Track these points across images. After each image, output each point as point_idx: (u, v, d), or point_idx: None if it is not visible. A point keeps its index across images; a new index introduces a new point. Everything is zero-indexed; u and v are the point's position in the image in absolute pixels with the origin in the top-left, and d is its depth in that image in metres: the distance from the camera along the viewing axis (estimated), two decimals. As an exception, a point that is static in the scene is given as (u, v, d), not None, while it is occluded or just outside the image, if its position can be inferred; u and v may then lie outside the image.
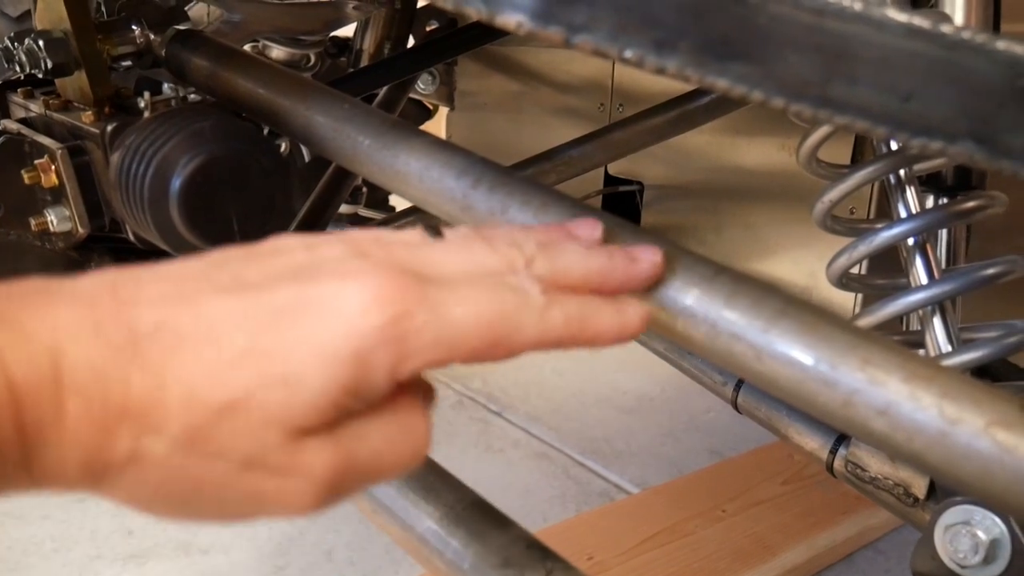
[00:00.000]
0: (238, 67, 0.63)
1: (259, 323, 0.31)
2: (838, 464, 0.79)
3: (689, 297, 0.43)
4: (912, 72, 0.38)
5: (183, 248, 0.57)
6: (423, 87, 1.34)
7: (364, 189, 1.38)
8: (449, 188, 0.52)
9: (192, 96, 0.67)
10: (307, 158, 1.53)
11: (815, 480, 1.63)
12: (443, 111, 1.41)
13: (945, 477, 0.37)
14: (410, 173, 0.54)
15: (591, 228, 0.43)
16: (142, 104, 0.64)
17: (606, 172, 1.16)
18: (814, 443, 0.81)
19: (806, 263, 1.02)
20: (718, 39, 0.38)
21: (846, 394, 0.39)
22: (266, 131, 0.81)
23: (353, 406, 0.33)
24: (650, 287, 0.43)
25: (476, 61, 1.35)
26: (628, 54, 0.38)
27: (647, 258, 0.42)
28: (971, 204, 0.57)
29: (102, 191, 0.64)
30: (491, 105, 1.36)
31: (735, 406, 0.90)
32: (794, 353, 0.40)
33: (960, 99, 0.38)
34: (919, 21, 0.37)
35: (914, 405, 0.37)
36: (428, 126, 1.46)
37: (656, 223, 1.14)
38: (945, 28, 0.37)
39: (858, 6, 0.37)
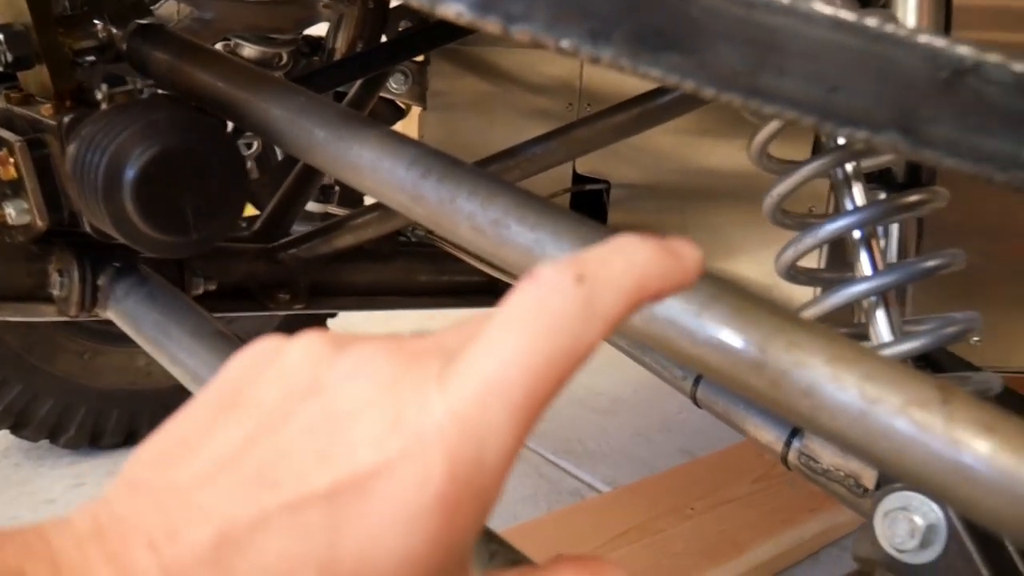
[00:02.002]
0: (198, 61, 0.64)
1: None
2: (792, 456, 0.81)
3: (627, 283, 0.44)
4: (838, 64, 0.39)
5: (138, 239, 0.57)
6: (395, 87, 1.35)
7: (336, 188, 1.39)
8: (399, 178, 0.53)
9: (151, 90, 0.67)
10: (280, 156, 1.54)
11: (784, 479, 1.65)
12: (416, 111, 1.42)
13: (865, 455, 0.38)
14: (362, 164, 0.55)
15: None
16: (99, 96, 0.65)
17: (574, 171, 1.17)
18: (769, 436, 0.82)
19: (768, 262, 1.03)
20: (652, 30, 0.39)
21: (774, 376, 0.40)
22: (231, 127, 0.82)
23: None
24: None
25: (448, 61, 1.36)
26: (564, 44, 0.39)
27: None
28: (913, 199, 0.59)
29: (61, 184, 0.65)
30: (463, 105, 1.37)
31: (694, 400, 0.91)
32: (724, 336, 0.41)
33: (884, 91, 0.39)
34: (844, 15, 0.39)
35: (837, 386, 0.38)
36: (401, 126, 1.46)
37: (623, 222, 1.15)
38: (869, 22, 0.39)
39: (787, 0, 0.38)
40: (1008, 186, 0.38)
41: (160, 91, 0.67)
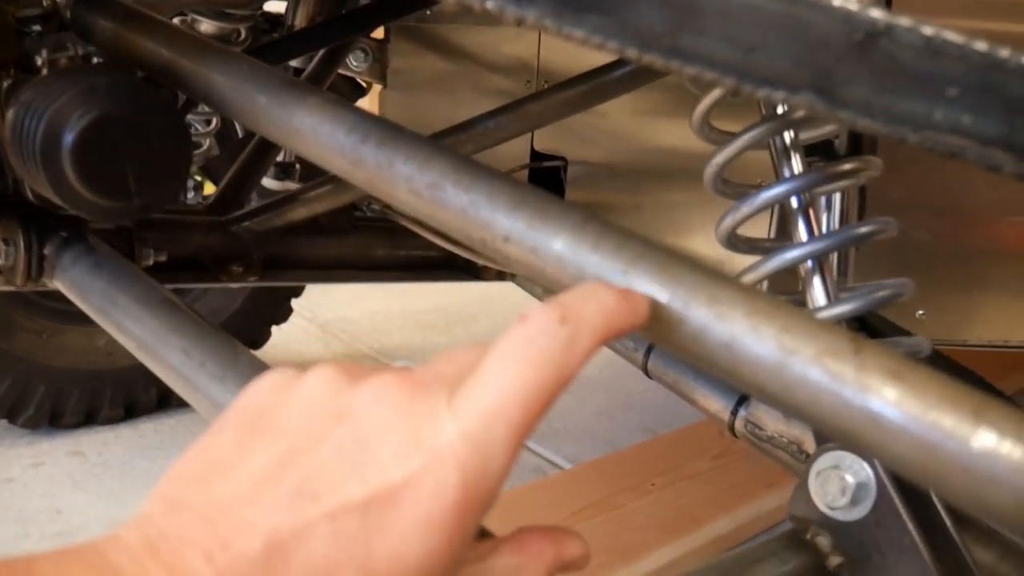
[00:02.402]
0: (142, 28, 0.64)
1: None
2: (739, 424, 0.82)
3: (558, 242, 0.45)
4: (755, 25, 0.40)
5: (79, 204, 0.57)
6: (355, 64, 1.35)
7: (296, 166, 1.38)
8: (339, 143, 0.53)
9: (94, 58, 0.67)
10: (240, 133, 1.53)
11: (743, 455, 1.68)
12: (376, 89, 1.41)
13: (784, 406, 0.40)
14: (304, 130, 0.55)
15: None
16: (39, 62, 0.65)
17: (532, 148, 1.18)
18: (717, 405, 0.84)
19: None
20: (575, -9, 0.40)
21: (696, 329, 0.41)
22: (183, 100, 0.82)
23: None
24: None
25: (408, 39, 1.36)
26: (489, 4, 0.40)
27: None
28: (847, 167, 0.60)
29: (3, 152, 0.64)
30: (423, 83, 1.37)
31: (645, 371, 0.93)
32: (651, 291, 0.42)
33: (800, 52, 0.40)
34: (761, -23, 0.40)
35: (754, 337, 0.39)
36: (362, 104, 1.46)
37: (579, 199, 1.16)
38: (786, -17, 0.40)
39: (706, -38, 0.39)
40: (921, 146, 0.40)
41: (101, 58, 0.66)
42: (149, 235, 0.81)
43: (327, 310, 2.42)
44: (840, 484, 0.57)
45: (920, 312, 0.97)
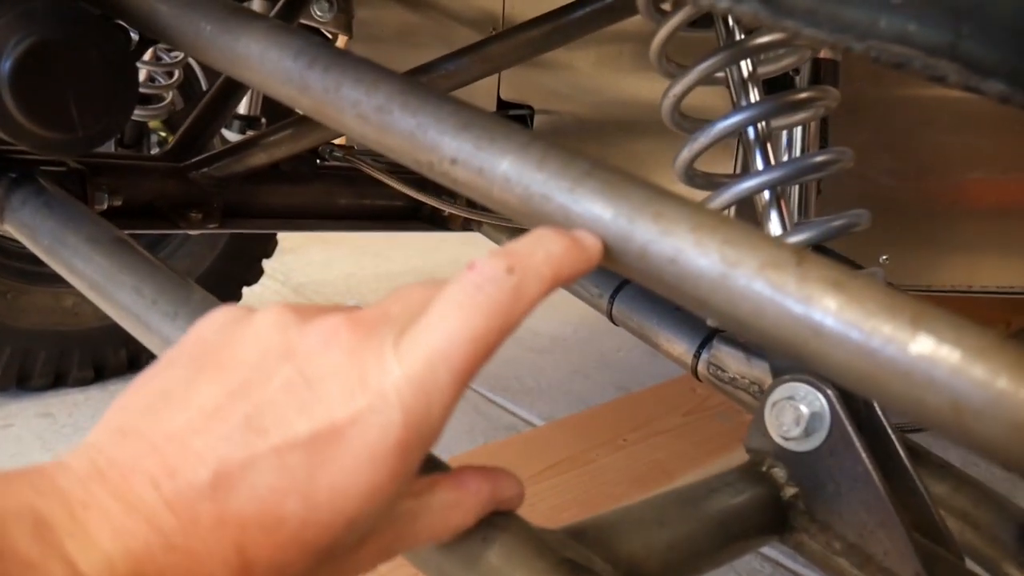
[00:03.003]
0: (86, -42, 0.62)
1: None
2: (701, 367, 0.82)
3: (505, 162, 0.45)
4: (698, -68, 0.39)
5: (20, 135, 0.56)
6: (320, 15, 1.33)
7: (262, 119, 1.37)
8: (287, 69, 0.52)
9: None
10: (204, 86, 1.51)
11: (715, 412, 1.69)
12: (342, 39, 1.39)
13: (727, 319, 0.39)
14: (250, 56, 0.54)
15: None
16: (-23, -10, 0.63)
17: (499, 96, 1.16)
18: (680, 348, 0.84)
19: (685, 189, 1.05)
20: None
21: (641, 245, 0.41)
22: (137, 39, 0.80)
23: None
24: None
25: (374, -10, 1.34)
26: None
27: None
28: (803, 96, 0.60)
29: (-54, 87, 0.63)
30: (389, 34, 1.36)
31: (610, 317, 0.93)
32: (596, 209, 0.42)
33: (746, -41, 0.39)
34: None
35: (698, 251, 0.39)
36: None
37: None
38: None
39: None
40: (865, 55, 0.39)
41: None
42: (103, 180, 0.79)
43: (300, 273, 2.40)
44: (794, 414, 0.57)
45: (884, 257, 0.98)
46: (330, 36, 1.39)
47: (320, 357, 0.36)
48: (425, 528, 0.40)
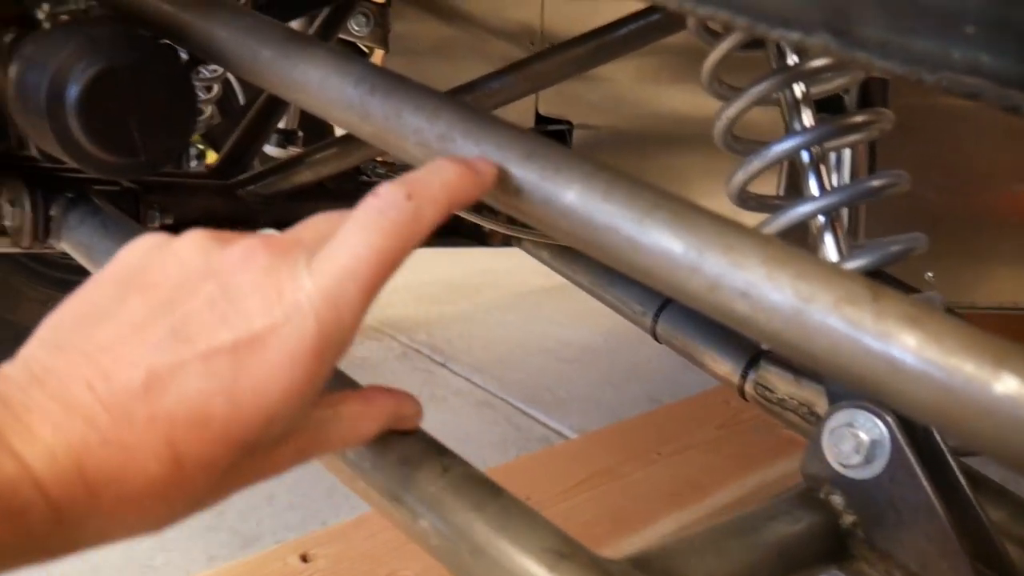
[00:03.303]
0: (143, -17, 0.63)
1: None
2: (748, 387, 0.82)
3: (570, 193, 0.45)
4: (772, -35, 0.39)
5: (85, 159, 0.57)
6: (357, 29, 1.33)
7: (300, 133, 1.38)
8: (347, 96, 0.52)
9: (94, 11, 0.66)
10: (242, 101, 1.52)
11: (749, 424, 1.68)
12: (378, 53, 1.40)
13: (801, 354, 0.39)
14: (309, 83, 0.54)
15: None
16: (41, 16, 0.64)
17: (537, 111, 1.16)
18: (727, 368, 0.84)
19: (726, 203, 1.04)
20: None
21: (712, 278, 0.40)
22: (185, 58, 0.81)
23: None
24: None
25: (410, 3, 1.34)
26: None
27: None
28: (859, 119, 0.59)
29: (6, 110, 0.64)
30: (426, 48, 1.36)
31: (654, 335, 0.92)
32: (665, 242, 0.42)
33: (816, -9, 0.39)
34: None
35: (771, 286, 0.39)
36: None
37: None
38: (803, -78, 0.38)
39: (720, -100, 0.38)
40: (936, 87, 0.39)
41: (102, 11, 0.65)
42: (155, 198, 0.80)
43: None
44: (854, 441, 0.57)
45: (929, 274, 0.97)
46: (366, 51, 1.40)
47: (239, 275, 0.39)
48: (336, 434, 0.45)
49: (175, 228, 0.84)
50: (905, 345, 0.36)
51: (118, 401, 0.36)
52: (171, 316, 0.38)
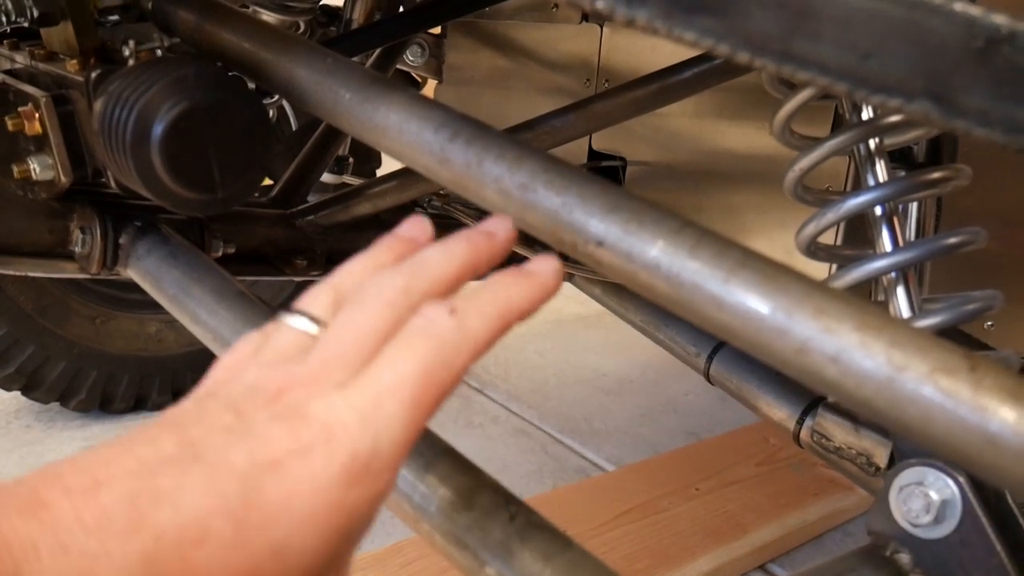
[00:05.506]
0: (223, 20, 0.64)
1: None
2: (804, 434, 0.81)
3: (654, 248, 0.45)
4: (872, 31, 0.39)
5: (166, 196, 0.58)
6: (412, 59, 1.35)
7: (350, 159, 1.39)
8: (427, 141, 0.53)
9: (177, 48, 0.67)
10: (294, 126, 1.54)
11: (789, 463, 1.66)
12: (432, 84, 1.41)
13: (891, 422, 0.39)
14: (389, 127, 0.55)
15: (420, 227, 0.46)
16: (127, 53, 0.65)
17: (590, 147, 1.17)
18: (782, 413, 0.83)
19: (782, 242, 1.04)
20: (686, -8, 0.39)
21: (800, 342, 0.40)
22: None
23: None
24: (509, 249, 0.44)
25: (465, 35, 1.35)
26: (599, 5, 0.40)
27: (501, 228, 0.44)
28: (936, 175, 0.59)
29: (85, 140, 0.65)
30: (480, 79, 1.37)
31: (707, 377, 0.92)
32: (752, 302, 0.41)
33: (917, 58, 0.39)
34: (881, -18, 0.38)
35: (864, 353, 0.38)
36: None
37: (638, 199, 1.15)
38: (905, -11, 0.38)
39: (823, -35, 0.38)
40: (1041, 156, 0.38)
41: (185, 48, 0.67)
42: (218, 227, 0.81)
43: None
44: (924, 501, 0.56)
45: (989, 324, 0.95)
46: (420, 80, 1.41)
47: (263, 411, 0.36)
48: None
49: (235, 257, 0.85)
50: (1003, 419, 0.35)
51: (95, 506, 0.31)
52: (183, 435, 0.34)
